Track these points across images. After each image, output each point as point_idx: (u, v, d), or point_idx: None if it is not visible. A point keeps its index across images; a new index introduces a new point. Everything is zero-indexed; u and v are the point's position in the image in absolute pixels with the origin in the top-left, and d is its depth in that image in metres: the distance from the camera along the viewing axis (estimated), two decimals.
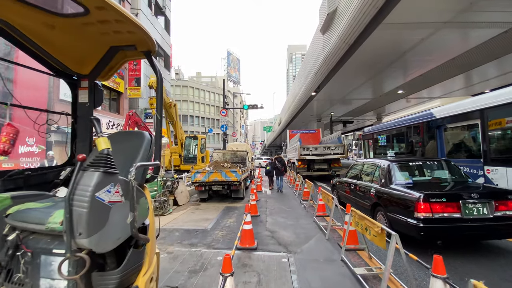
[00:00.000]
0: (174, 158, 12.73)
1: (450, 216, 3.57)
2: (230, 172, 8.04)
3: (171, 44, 26.46)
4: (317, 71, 16.05)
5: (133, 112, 8.40)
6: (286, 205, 7.83)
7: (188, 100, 54.20)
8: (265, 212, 6.89)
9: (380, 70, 14.47)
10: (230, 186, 8.24)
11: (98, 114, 13.45)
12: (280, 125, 46.42)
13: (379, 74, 15.25)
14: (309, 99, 22.50)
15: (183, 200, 8.32)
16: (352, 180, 6.01)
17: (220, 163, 8.78)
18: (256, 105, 18.86)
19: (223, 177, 8.02)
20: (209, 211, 7.20)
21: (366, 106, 25.67)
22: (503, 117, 5.07)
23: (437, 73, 14.76)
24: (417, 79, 15.99)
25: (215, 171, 8.07)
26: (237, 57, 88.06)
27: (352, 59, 12.59)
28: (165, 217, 6.50)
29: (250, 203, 6.18)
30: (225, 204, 8.13)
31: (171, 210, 7.13)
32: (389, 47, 11.30)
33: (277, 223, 5.70)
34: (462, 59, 12.37)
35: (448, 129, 6.84)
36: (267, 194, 10.09)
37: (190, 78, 63.18)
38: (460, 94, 19.62)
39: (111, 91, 15.27)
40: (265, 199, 8.97)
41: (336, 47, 12.07)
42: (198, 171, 8.13)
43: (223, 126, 18.72)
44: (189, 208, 7.63)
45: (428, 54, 11.89)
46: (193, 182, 8.12)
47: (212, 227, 5.42)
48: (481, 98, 5.80)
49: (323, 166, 13.65)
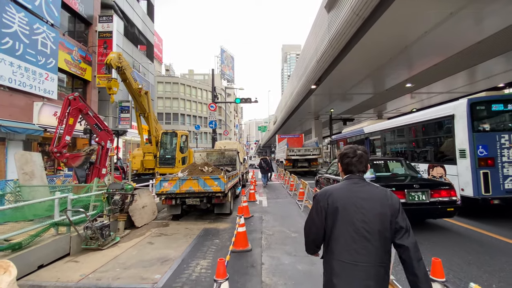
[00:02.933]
0: (147, 160, 10.30)
1: None
2: (210, 179, 5.71)
3: (155, 31, 23.92)
4: (319, 58, 13.86)
5: (76, 95, 6.01)
6: (289, 224, 5.52)
7: (179, 97, 51.50)
8: (260, 240, 4.59)
9: (391, 58, 12.38)
10: (211, 199, 5.91)
11: (55, 105, 10.91)
12: (276, 124, 44.33)
13: (388, 63, 13.15)
14: (308, 93, 20.33)
15: (144, 219, 5.94)
16: (330, 176, 6.88)
17: (198, 167, 6.43)
18: (250, 99, 16.56)
19: (201, 186, 5.68)
20: (177, 238, 4.85)
21: (368, 102, 23.75)
22: (388, 135, 9.81)
23: (456, 62, 12.79)
24: (430, 69, 14.00)
25: (190, 178, 5.72)
26: (231, 55, 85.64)
27: (362, 43, 10.46)
28: (102, 253, 4.12)
29: (236, 229, 3.91)
30: (204, 225, 5.78)
31: (118, 239, 4.75)
32: (409, 25, 9.23)
33: (282, 271, 3.40)
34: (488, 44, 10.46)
35: (370, 139, 11.33)
36: (262, 206, 7.79)
37: (182, 76, 60.41)
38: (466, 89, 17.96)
39: (73, 79, 12.71)
40: (260, 214, 6.66)
41: (346, 23, 9.88)
42: (166, 179, 5.76)
43: (211, 123, 16.33)
44: (149, 233, 5.26)
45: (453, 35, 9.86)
46: (158, 194, 5.76)
47: (165, 284, 3.08)
48: (382, 123, 10.18)
49: (304, 164, 17.79)
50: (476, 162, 5.69)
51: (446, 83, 18.01)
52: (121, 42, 15.78)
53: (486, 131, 5.90)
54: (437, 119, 7.06)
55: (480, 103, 6.06)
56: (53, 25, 11.29)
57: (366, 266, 1.27)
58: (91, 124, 6.52)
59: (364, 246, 1.28)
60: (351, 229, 1.32)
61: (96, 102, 13.86)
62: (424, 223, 5.49)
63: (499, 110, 5.98)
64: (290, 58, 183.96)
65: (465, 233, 4.83)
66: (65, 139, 5.85)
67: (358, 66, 13.68)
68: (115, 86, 7.56)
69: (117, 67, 7.88)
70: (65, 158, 5.79)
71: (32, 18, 10.29)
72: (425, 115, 7.61)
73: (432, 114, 7.28)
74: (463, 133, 5.97)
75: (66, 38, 12.06)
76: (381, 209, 1.33)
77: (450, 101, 7.29)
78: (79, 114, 6.17)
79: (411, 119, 8.27)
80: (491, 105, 6.00)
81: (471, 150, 5.78)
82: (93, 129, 6.56)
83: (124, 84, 8.76)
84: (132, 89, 8.87)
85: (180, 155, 10.64)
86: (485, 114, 6.06)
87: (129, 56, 17.05)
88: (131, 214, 5.54)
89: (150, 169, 10.39)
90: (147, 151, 10.38)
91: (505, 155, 5.67)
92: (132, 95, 9.29)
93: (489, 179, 5.57)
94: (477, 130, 5.89)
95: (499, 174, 5.58)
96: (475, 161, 5.70)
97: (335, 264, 1.32)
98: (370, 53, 11.74)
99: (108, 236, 4.47)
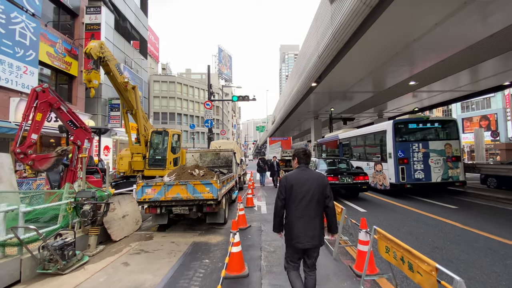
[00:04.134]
0: (135, 161, 9.45)
1: (334, 182, 8.06)
2: (201, 185, 4.88)
3: (149, 27, 23.02)
4: (321, 52, 13.08)
5: (45, 86, 5.16)
6: None
7: (175, 97, 50.57)
8: (260, 260, 3.79)
9: (397, 53, 11.62)
10: (202, 207, 5.09)
11: None
12: (274, 123, 43.54)
13: (393, 59, 12.38)
14: (308, 91, 19.53)
15: (125, 231, 5.10)
16: None
17: (188, 170, 5.59)
18: (248, 96, 15.74)
19: (190, 193, 4.85)
20: (159, 257, 4.02)
21: (368, 101, 23.03)
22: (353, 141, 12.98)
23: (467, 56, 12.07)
24: (437, 65, 13.27)
25: (177, 183, 4.89)
26: (228, 54, 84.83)
27: (368, 36, 9.70)
28: (61, 279, 3.29)
29: (230, 250, 3.11)
30: (193, 237, 4.96)
31: (87, 258, 3.91)
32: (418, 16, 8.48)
33: None
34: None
35: (343, 144, 14.27)
36: (261, 213, 6.98)
37: (179, 75, 59.42)
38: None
39: (57, 73, 11.80)
40: (258, 223, 5.85)
41: (352, 13, 9.12)
42: (148, 185, 4.93)
43: (207, 121, 15.48)
44: (128, 249, 4.42)
45: (465, 27, 9.14)
46: (140, 201, 4.92)
47: None
48: (349, 132, 13.64)
49: None
50: (397, 161, 8.85)
51: (449, 81, 17.38)
52: (111, 36, 14.89)
53: (403, 141, 9.10)
54: (378, 132, 10.21)
55: (401, 123, 9.32)
56: (34, 15, 10.39)
57: (308, 218, 2.27)
58: (64, 120, 5.66)
59: (307, 206, 2.27)
60: (300, 197, 2.28)
61: (83, 99, 12.96)
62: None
63: (412, 128, 9.33)
64: (288, 58, 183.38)
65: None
66: (31, 138, 5.00)
67: (361, 62, 12.93)
68: (95, 79, 6.71)
69: (98, 57, 7.03)
70: (30, 160, 4.94)
71: (9, 6, 9.39)
72: (372, 129, 10.97)
73: (375, 128, 10.68)
74: (390, 142, 9.19)
75: (48, 29, 11.16)
76: (317, 184, 2.31)
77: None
78: (49, 108, 5.31)
79: (365, 130, 11.65)
80: (408, 124, 9.31)
81: (394, 153, 8.95)
82: (67, 126, 5.72)
83: (108, 77, 7.92)
84: (117, 83, 8.01)
85: (172, 155, 9.79)
86: (404, 130, 9.30)
87: (120, 51, 16.16)
88: (107, 226, 4.70)
89: (139, 171, 9.53)
90: (135, 151, 9.52)
91: (415, 156, 8.92)
92: (118, 90, 8.43)
93: (405, 172, 8.77)
94: (398, 140, 9.09)
95: (411, 169, 8.81)
96: (397, 160, 8.85)
97: (290, 218, 2.31)
98: (374, 48, 10.99)
99: (72, 256, 3.64)
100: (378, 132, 10.11)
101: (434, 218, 6.09)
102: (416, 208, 7.26)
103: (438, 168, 8.82)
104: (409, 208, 7.22)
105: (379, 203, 8.07)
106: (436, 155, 8.92)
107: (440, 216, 6.20)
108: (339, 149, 14.57)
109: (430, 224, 5.56)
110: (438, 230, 5.13)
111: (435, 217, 6.12)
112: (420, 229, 5.22)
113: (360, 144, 12.25)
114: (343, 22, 9.85)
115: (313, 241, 2.24)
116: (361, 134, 11.90)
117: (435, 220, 5.88)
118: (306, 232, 2.23)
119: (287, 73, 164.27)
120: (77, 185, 4.75)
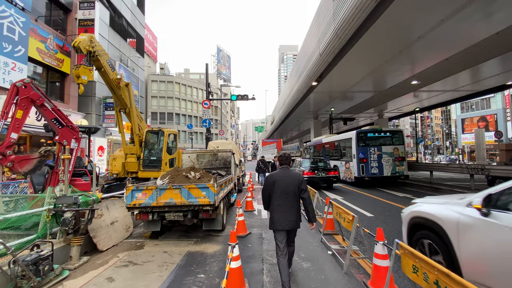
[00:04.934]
0: (129, 162, 9.01)
1: (311, 176, 10.91)
2: (196, 189, 4.46)
3: (147, 26, 22.56)
4: (323, 50, 12.70)
5: (27, 81, 4.72)
6: (297, 246, 4.28)
7: (173, 97, 50.07)
8: (261, 275, 3.37)
9: (400, 50, 11.28)
10: (198, 213, 4.67)
11: None
12: (273, 124, 43.14)
13: (396, 57, 12.05)
14: (309, 90, 19.14)
15: (113, 239, 4.67)
16: (296, 168, 11.91)
17: (183, 172, 5.17)
18: (246, 96, 15.33)
19: (184, 198, 4.44)
20: (149, 271, 3.59)
21: (369, 101, 22.67)
22: (332, 144, 16.34)
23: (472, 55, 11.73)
24: (441, 64, 12.93)
25: (170, 187, 4.47)
26: (227, 54, 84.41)
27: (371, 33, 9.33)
28: None
29: (229, 264, 2.70)
30: (188, 246, 4.53)
31: (67, 273, 3.48)
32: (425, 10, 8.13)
33: None
34: None
35: (325, 147, 17.59)
36: (261, 217, 6.57)
37: (177, 75, 58.87)
38: None
39: (48, 70, 11.33)
40: (259, 230, 5.43)
41: (356, 8, 8.74)
42: (139, 188, 4.50)
43: (205, 121, 15.05)
44: (115, 260, 3.99)
45: (471, 24, 8.80)
46: (129, 207, 4.49)
47: None
48: (330, 137, 17.12)
49: None
50: (359, 160, 11.86)
51: (451, 81, 17.07)
52: (106, 33, 14.44)
53: (363, 146, 12.16)
54: (347, 139, 13.46)
55: (361, 132, 12.58)
56: (23, 9, 9.93)
57: (286, 207, 2.84)
58: (49, 118, 5.23)
59: (285, 198, 2.86)
60: (280, 190, 2.88)
61: (76, 97, 12.50)
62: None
63: (370, 136, 12.46)
64: (287, 58, 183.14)
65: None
66: (11, 137, 4.56)
67: (363, 60, 12.58)
68: (84, 74, 6.28)
69: (88, 52, 6.60)
70: (9, 161, 4.50)
71: None
72: (344, 136, 14.26)
73: (346, 136, 13.92)
74: (354, 146, 12.32)
75: (39, 25, 10.70)
76: (294, 180, 2.90)
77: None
78: (31, 105, 4.87)
79: (339, 137, 15.04)
80: (367, 134, 12.54)
81: (357, 154, 11.98)
82: (52, 125, 5.28)
83: (99, 73, 7.49)
84: (109, 79, 7.58)
85: (168, 156, 9.35)
86: (364, 138, 12.37)
87: (115, 49, 15.70)
88: (93, 235, 4.27)
89: (133, 172, 9.09)
90: (129, 152, 9.07)
91: (371, 157, 11.95)
92: (110, 87, 8.00)
93: (364, 168, 11.78)
94: (359, 145, 12.16)
95: (369, 166, 11.78)
96: (358, 160, 11.86)
97: (273, 206, 2.89)
98: (378, 45, 10.63)
99: (49, 271, 3.20)
100: (348, 139, 13.41)
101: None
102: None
103: (389, 166, 11.94)
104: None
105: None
106: (387, 156, 12.07)
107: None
108: (323, 151, 17.97)
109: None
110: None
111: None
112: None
113: (336, 147, 15.43)
114: (346, 18, 9.48)
115: (291, 224, 2.87)
116: (337, 139, 15.28)
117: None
118: (285, 217, 2.85)
119: (286, 73, 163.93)
120: (59, 189, 4.31)
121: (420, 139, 43.74)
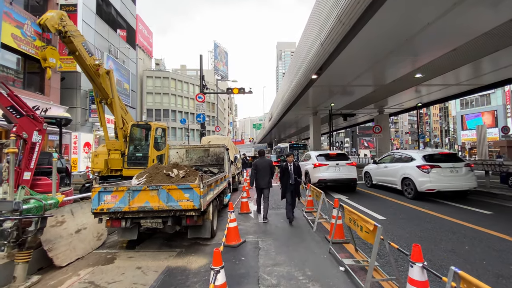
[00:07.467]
0: (112, 159, 8.16)
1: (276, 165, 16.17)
2: (178, 190, 3.65)
3: (140, 17, 21.51)
4: (324, 39, 11.86)
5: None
6: (301, 259, 3.51)
7: (169, 93, 48.99)
8: None
9: (406, 39, 10.46)
10: (181, 220, 3.87)
11: None
12: (271, 120, 42.30)
13: (401, 48, 11.26)
14: (308, 84, 18.32)
15: (78, 250, 3.85)
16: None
17: (163, 170, 4.35)
18: (243, 89, 14.49)
19: (163, 201, 3.62)
20: None
21: (369, 97, 21.96)
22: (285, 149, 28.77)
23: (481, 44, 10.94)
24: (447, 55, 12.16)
25: (144, 188, 3.66)
26: (224, 50, 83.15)
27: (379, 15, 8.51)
28: None
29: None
30: (169, 260, 3.73)
31: None
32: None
33: None
34: None
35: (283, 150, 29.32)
36: (258, 221, 5.78)
37: (174, 71, 57.61)
38: None
39: (26, 60, 10.38)
40: (255, 238, 4.63)
41: None
42: (107, 190, 3.68)
43: (199, 116, 14.19)
44: (74, 280, 3.18)
45: (480, 12, 8.02)
46: (96, 212, 3.67)
47: None
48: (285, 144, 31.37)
49: None
50: None
51: (454, 75, 16.37)
52: (92, 21, 13.45)
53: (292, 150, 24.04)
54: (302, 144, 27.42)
55: (291, 144, 27.25)
56: None
57: (264, 177, 5.89)
58: (4, 106, 4.38)
59: (264, 175, 5.87)
60: (260, 168, 5.90)
61: (58, 89, 11.55)
62: None
63: (294, 145, 26.27)
64: (284, 55, 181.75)
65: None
66: None
67: (366, 51, 11.78)
68: (52, 57, 5.41)
69: (58, 31, 5.72)
70: None
71: None
72: (286, 145, 27.56)
73: (286, 144, 28.17)
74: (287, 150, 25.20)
75: (14, 8, 9.73)
76: (267, 164, 5.95)
77: None
78: None
79: (285, 145, 27.64)
80: (293, 144, 27.04)
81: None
82: (8, 113, 4.43)
83: (74, 58, 6.61)
84: (86, 65, 6.69)
85: (155, 152, 8.51)
86: (292, 146, 26.04)
87: (103, 39, 14.71)
88: (48, 248, 3.44)
89: (117, 170, 8.26)
90: (112, 148, 8.23)
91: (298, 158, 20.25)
92: (88, 75, 7.10)
93: None
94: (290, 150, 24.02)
95: None
96: None
97: (257, 177, 5.93)
98: (383, 33, 9.82)
99: None
100: (302, 144, 25.04)
101: None
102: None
103: None
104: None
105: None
106: None
107: None
108: (283, 153, 26.13)
109: None
110: None
111: None
112: None
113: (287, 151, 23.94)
114: (351, 1, 8.65)
115: (265, 185, 5.85)
116: (285, 146, 26.45)
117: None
118: (263, 182, 5.84)
119: (283, 70, 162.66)
120: (2, 191, 3.47)
121: (422, 134, 43.17)
